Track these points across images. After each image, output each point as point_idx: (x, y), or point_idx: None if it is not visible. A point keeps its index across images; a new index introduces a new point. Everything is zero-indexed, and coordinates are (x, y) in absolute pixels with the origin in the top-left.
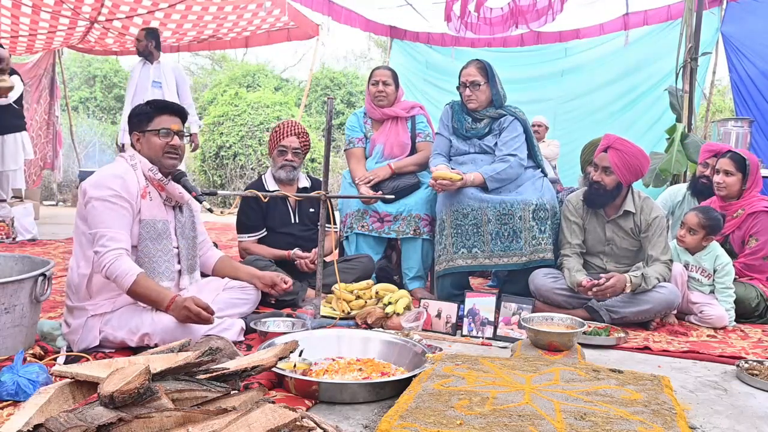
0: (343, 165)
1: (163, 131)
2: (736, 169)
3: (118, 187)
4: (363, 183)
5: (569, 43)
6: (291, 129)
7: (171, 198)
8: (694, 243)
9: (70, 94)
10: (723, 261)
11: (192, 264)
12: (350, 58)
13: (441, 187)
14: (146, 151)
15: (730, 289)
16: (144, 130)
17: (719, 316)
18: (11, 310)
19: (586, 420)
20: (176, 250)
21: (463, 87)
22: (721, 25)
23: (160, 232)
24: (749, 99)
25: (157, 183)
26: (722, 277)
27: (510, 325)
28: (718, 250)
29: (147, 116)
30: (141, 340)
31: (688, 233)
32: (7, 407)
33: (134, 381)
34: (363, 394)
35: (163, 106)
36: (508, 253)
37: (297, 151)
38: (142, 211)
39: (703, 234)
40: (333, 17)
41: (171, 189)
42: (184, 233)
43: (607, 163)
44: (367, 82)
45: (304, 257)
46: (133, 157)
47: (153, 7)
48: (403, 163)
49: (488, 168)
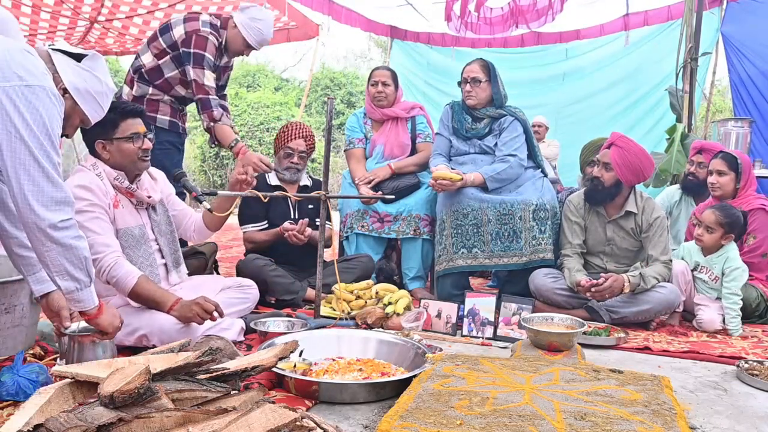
0: (343, 165)
1: (134, 136)
2: (729, 168)
3: (89, 197)
4: (363, 183)
5: (570, 44)
6: (299, 132)
7: (142, 201)
8: (712, 242)
9: None
10: (732, 265)
11: (176, 258)
12: (350, 58)
13: (441, 188)
14: (116, 158)
15: (736, 295)
16: (111, 138)
17: (710, 320)
18: (11, 310)
19: (586, 420)
20: (158, 249)
21: (464, 83)
22: (721, 25)
23: (138, 238)
24: (748, 99)
25: (126, 191)
26: (729, 282)
27: (510, 325)
28: (730, 253)
29: (112, 123)
30: (139, 340)
31: (705, 231)
32: (7, 407)
33: (134, 381)
34: (363, 394)
35: (127, 111)
36: (508, 253)
37: (303, 154)
38: (116, 221)
39: (722, 232)
40: (333, 17)
41: (140, 194)
42: (162, 231)
43: (608, 159)
44: (367, 82)
45: (290, 229)
46: (96, 166)
47: (153, 7)
48: (403, 163)
49: (488, 168)
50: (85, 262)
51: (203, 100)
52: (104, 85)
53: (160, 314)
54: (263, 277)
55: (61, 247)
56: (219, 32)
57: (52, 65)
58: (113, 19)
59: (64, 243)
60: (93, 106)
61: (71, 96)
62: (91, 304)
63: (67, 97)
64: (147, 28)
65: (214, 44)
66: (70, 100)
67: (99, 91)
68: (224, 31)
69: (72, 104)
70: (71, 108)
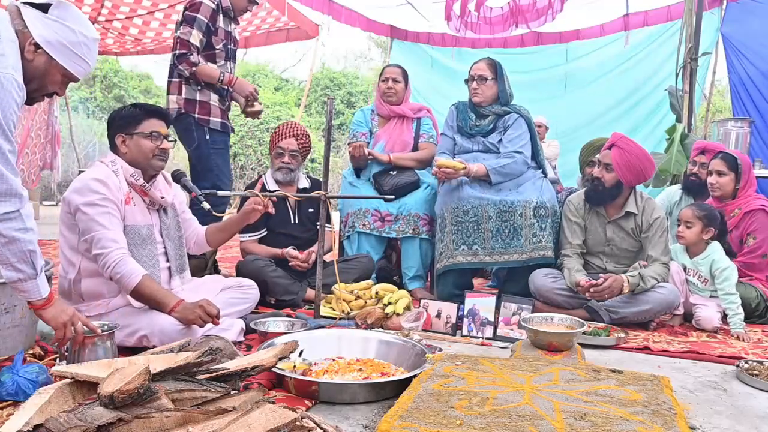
0: (343, 165)
1: (154, 134)
2: (728, 169)
3: (104, 191)
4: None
5: (570, 44)
6: (289, 131)
7: (154, 202)
8: (693, 236)
9: (69, 94)
10: (720, 266)
11: (181, 264)
12: (350, 58)
13: (444, 175)
14: (133, 153)
15: (732, 294)
16: (132, 133)
17: (708, 317)
18: (11, 310)
19: (586, 420)
20: (164, 252)
21: (471, 80)
22: (721, 25)
23: (144, 237)
24: (748, 100)
25: (140, 189)
26: (722, 283)
27: (510, 325)
28: (715, 254)
29: (135, 118)
30: (139, 341)
31: (685, 227)
32: (7, 407)
33: (134, 381)
34: (363, 394)
35: (152, 110)
36: (508, 250)
37: (294, 153)
38: (126, 217)
39: (701, 225)
40: (333, 17)
41: (154, 193)
42: (170, 234)
43: (609, 160)
44: (378, 78)
45: (295, 257)
46: (115, 162)
47: (153, 7)
48: (402, 155)
49: (493, 161)
50: (30, 255)
51: (181, 54)
52: (79, 34)
53: (160, 315)
54: (263, 277)
55: (3, 238)
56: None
57: (22, 20)
58: (113, 20)
59: (7, 235)
60: (71, 58)
61: (44, 51)
62: (37, 295)
63: (40, 52)
64: (147, 29)
65: (210, 6)
66: (44, 55)
67: (74, 42)
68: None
69: (47, 59)
70: (47, 63)
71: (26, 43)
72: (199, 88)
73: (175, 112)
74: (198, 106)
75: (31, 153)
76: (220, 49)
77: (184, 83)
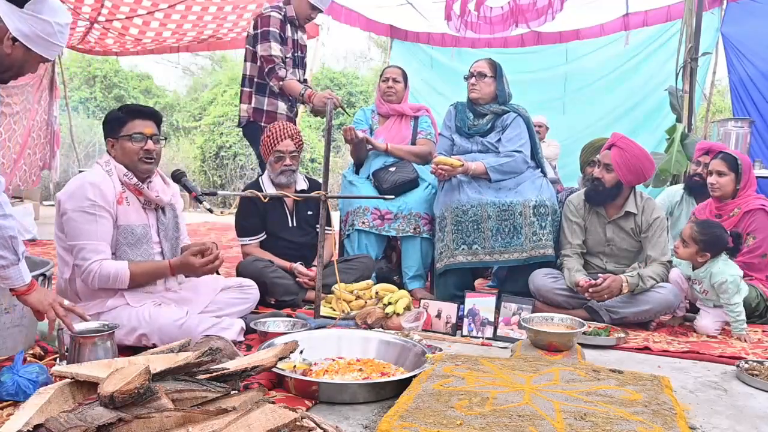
0: (343, 165)
1: (136, 136)
2: (729, 169)
3: (94, 196)
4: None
5: (570, 44)
6: (284, 133)
7: (150, 201)
8: (686, 256)
9: (70, 95)
10: (718, 280)
11: None
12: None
13: (442, 173)
14: (121, 157)
15: (733, 304)
16: (117, 136)
17: (703, 326)
18: (11, 310)
19: (586, 420)
20: (160, 252)
21: (470, 76)
22: (721, 25)
23: (139, 237)
24: (748, 100)
25: (134, 188)
26: (722, 295)
27: (510, 326)
28: (713, 268)
29: (119, 121)
30: (138, 340)
31: (681, 244)
32: (7, 407)
33: (134, 381)
34: (363, 394)
35: (136, 111)
36: (508, 249)
37: (294, 154)
38: (118, 217)
39: (696, 249)
40: (333, 17)
41: (148, 192)
42: (168, 235)
43: (609, 160)
44: (379, 79)
45: (304, 274)
46: (108, 162)
47: (153, 7)
48: (400, 146)
49: (492, 159)
50: (11, 241)
51: (269, 69)
52: (55, 25)
53: (160, 314)
54: (263, 278)
55: None
56: (282, 7)
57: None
58: (113, 20)
59: None
60: (47, 46)
61: (21, 44)
62: (20, 281)
63: (17, 45)
64: (147, 29)
65: (278, 18)
66: (21, 48)
67: (50, 33)
68: (288, 6)
69: (24, 50)
70: (26, 54)
71: (4, 37)
72: (267, 97)
73: (245, 120)
74: (265, 115)
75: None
76: (289, 57)
77: (254, 93)
